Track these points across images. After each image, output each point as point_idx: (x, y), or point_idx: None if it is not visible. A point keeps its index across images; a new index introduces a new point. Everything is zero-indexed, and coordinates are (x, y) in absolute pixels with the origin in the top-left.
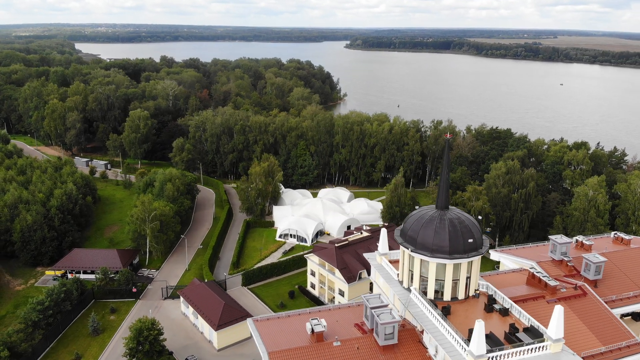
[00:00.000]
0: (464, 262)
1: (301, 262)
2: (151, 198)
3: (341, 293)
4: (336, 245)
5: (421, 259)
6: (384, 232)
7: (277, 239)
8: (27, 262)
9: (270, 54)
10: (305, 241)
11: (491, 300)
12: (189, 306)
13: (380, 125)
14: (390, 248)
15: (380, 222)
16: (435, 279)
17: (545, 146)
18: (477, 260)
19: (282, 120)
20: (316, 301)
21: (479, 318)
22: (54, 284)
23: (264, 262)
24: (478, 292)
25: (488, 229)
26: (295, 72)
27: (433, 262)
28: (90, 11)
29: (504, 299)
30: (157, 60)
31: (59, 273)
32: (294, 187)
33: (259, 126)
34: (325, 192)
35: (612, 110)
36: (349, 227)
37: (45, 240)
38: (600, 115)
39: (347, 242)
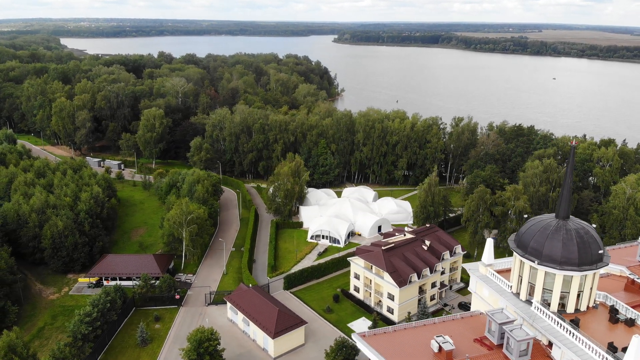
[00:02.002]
0: (590, 273)
1: (340, 264)
2: (188, 201)
3: (390, 297)
4: (383, 248)
5: (546, 271)
6: (490, 243)
7: (309, 240)
8: (57, 269)
9: (260, 49)
10: (338, 242)
11: (613, 310)
12: (238, 312)
13: (402, 122)
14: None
15: (409, 222)
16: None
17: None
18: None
19: (302, 119)
20: (361, 304)
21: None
22: (97, 293)
23: (301, 264)
24: (597, 302)
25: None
26: (294, 67)
27: (560, 275)
28: (72, 5)
29: (627, 309)
30: (154, 56)
31: (93, 280)
32: (315, 187)
33: (279, 125)
34: (350, 192)
35: (609, 105)
36: (379, 228)
37: (77, 246)
38: (599, 110)
39: (393, 244)
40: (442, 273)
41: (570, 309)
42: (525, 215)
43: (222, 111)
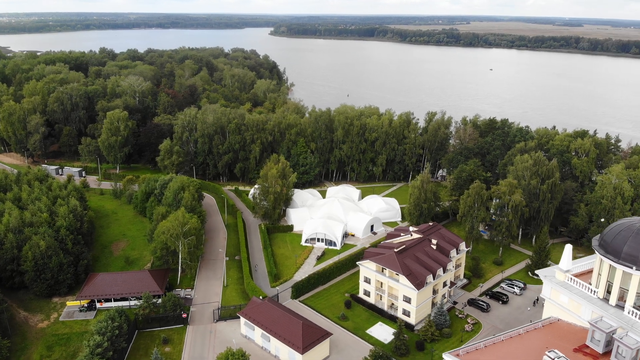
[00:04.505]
0: None
1: (344, 267)
2: (184, 211)
3: (407, 300)
4: (395, 250)
5: None
6: (568, 248)
7: (303, 244)
8: (41, 293)
9: (198, 42)
10: (335, 244)
11: None
12: (255, 328)
13: (379, 119)
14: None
15: (398, 219)
16: None
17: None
18: None
19: (279, 117)
20: (373, 309)
21: None
22: (101, 320)
23: (302, 270)
24: None
25: (485, 228)
26: (243, 61)
27: None
28: None
29: None
30: (95, 52)
31: (84, 303)
32: (295, 187)
33: (256, 124)
34: (334, 191)
35: (549, 94)
36: (372, 227)
37: (62, 267)
38: (540, 99)
39: (404, 246)
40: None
41: None
42: (602, 220)
43: (191, 111)
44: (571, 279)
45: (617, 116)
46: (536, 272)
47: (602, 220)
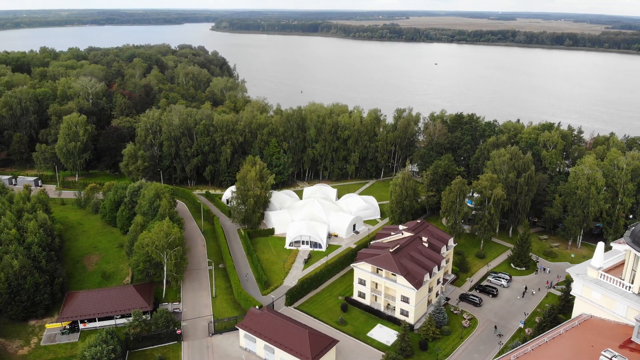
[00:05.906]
0: None
1: (334, 269)
2: (169, 220)
3: (404, 300)
4: (391, 250)
5: None
6: (601, 246)
7: (287, 247)
8: (16, 317)
9: (138, 39)
10: (320, 246)
11: None
12: (257, 339)
13: (350, 116)
14: None
15: (377, 217)
16: None
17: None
18: None
19: (249, 117)
20: (369, 310)
21: None
22: (96, 343)
23: (291, 275)
24: None
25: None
26: (193, 58)
27: None
28: None
29: None
30: (36, 52)
31: (66, 324)
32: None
33: (226, 125)
34: (311, 191)
35: (495, 87)
36: (354, 227)
37: (38, 287)
38: (487, 92)
39: (398, 245)
40: None
41: None
42: (631, 216)
43: (154, 112)
44: (603, 275)
45: (563, 107)
46: (567, 270)
47: (631, 217)
